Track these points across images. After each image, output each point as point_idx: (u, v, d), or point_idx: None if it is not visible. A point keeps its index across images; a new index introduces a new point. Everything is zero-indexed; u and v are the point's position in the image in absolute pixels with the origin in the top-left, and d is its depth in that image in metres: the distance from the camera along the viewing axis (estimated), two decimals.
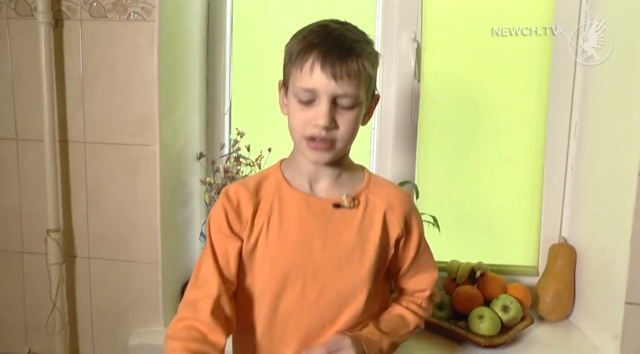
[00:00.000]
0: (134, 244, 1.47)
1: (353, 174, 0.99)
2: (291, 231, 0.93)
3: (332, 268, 0.93)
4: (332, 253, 0.92)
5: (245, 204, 0.94)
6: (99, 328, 1.54)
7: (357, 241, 0.93)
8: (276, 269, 0.93)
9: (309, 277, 0.92)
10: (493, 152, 1.64)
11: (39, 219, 1.47)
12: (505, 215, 1.66)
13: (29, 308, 1.56)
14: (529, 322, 1.43)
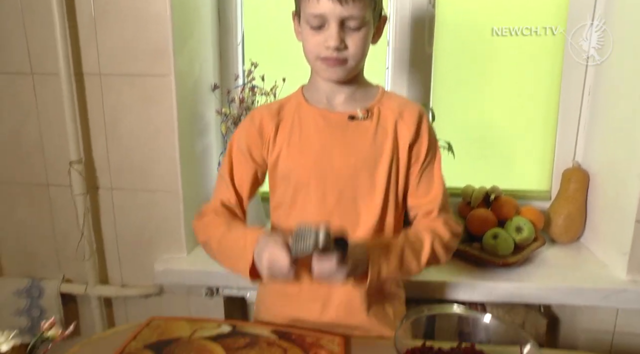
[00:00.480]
0: (154, 174, 1.50)
1: (367, 91, 1.05)
2: (311, 142, 1.00)
3: (349, 174, 0.99)
4: (348, 160, 0.99)
5: (267, 124, 1.03)
6: (125, 255, 1.61)
7: (371, 150, 0.99)
8: (300, 176, 1.00)
9: (329, 183, 0.99)
10: (508, 78, 1.62)
11: (60, 151, 1.51)
12: (519, 141, 1.67)
13: (59, 238, 1.62)
14: (541, 243, 1.47)
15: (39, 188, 1.59)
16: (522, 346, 0.85)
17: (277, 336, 0.97)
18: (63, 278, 1.66)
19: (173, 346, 0.94)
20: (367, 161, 0.99)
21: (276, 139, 1.02)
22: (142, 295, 1.60)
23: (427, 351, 0.87)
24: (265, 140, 1.03)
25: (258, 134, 1.03)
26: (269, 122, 1.03)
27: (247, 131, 1.04)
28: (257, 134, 1.03)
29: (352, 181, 0.99)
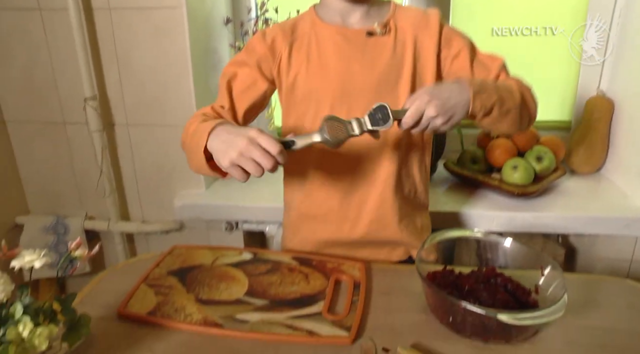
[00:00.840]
0: (169, 109, 1.49)
1: (381, 7, 1.01)
2: (330, 61, 0.97)
3: (372, 89, 0.97)
4: (370, 77, 0.97)
5: (280, 42, 0.99)
6: (144, 192, 1.63)
7: (392, 64, 0.97)
8: (322, 96, 0.98)
9: (353, 100, 0.97)
10: (533, 3, 1.55)
11: (74, 88, 1.50)
12: (542, 70, 1.61)
13: (79, 176, 1.64)
14: (562, 173, 1.45)
15: (56, 126, 1.59)
16: (543, 269, 0.85)
17: (297, 263, 0.98)
18: (86, 216, 1.69)
19: (196, 272, 0.96)
20: (389, 76, 0.97)
21: (291, 59, 0.99)
22: (162, 231, 1.63)
23: (449, 274, 0.88)
24: (277, 59, 0.99)
25: (270, 51, 0.99)
26: (282, 41, 0.99)
27: (258, 47, 0.99)
28: (268, 51, 0.98)
29: (375, 97, 0.96)
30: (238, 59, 1.01)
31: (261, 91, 1.01)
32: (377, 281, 0.94)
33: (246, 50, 1.01)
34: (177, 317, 0.83)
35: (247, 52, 1.00)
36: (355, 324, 0.80)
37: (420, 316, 0.84)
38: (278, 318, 0.82)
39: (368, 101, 0.94)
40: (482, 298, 0.80)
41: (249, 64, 0.99)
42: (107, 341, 0.79)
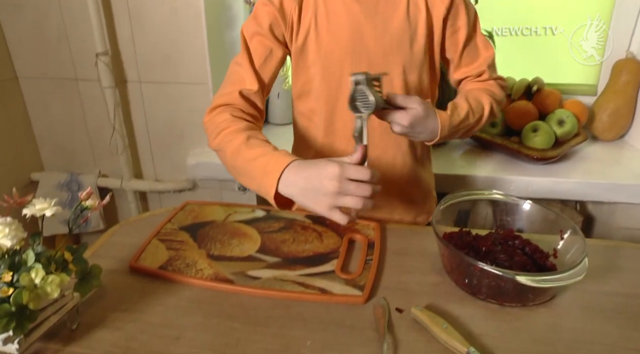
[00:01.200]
0: (182, 66, 1.46)
1: None
2: (340, 23, 0.92)
3: (384, 53, 0.93)
4: (383, 39, 0.92)
5: (288, 3, 0.93)
6: (157, 150, 1.62)
7: (405, 25, 0.93)
8: (332, 61, 0.94)
9: (364, 65, 0.93)
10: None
11: (86, 44, 1.47)
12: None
13: (92, 133, 1.63)
14: (583, 138, 1.41)
15: (69, 83, 1.57)
16: (563, 233, 0.83)
17: (311, 221, 0.97)
18: (99, 173, 1.69)
19: (207, 228, 0.95)
20: (403, 38, 0.93)
21: (301, 20, 0.93)
22: (175, 190, 1.63)
23: (465, 235, 0.86)
24: (288, 20, 0.93)
25: (279, 13, 0.93)
26: (290, 1, 0.93)
27: (266, 11, 0.93)
28: (278, 14, 0.93)
29: (387, 59, 0.93)
30: (250, 30, 0.95)
31: (279, 58, 0.96)
32: (391, 242, 0.92)
33: (254, 19, 0.94)
34: (188, 272, 0.82)
35: (255, 20, 0.94)
36: (369, 283, 0.79)
37: (435, 278, 0.82)
38: (290, 276, 0.81)
39: (379, 66, 0.93)
40: (499, 259, 0.78)
41: (260, 33, 0.94)
42: (118, 293, 0.79)
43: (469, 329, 0.71)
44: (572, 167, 1.37)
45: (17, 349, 0.62)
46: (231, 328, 0.71)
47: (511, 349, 0.67)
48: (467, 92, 0.99)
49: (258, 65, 0.95)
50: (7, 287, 0.61)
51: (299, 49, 0.95)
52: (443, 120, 0.89)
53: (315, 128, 1.02)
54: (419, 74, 0.96)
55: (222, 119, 0.90)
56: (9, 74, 1.58)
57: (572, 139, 1.39)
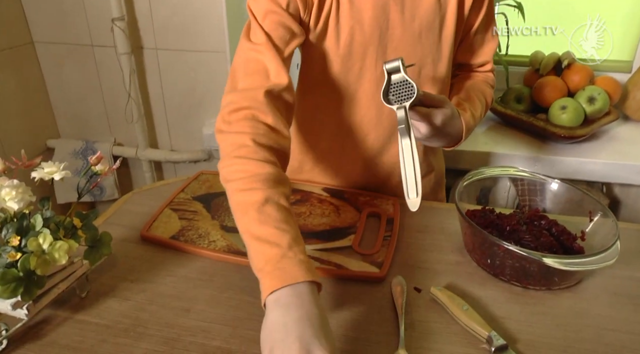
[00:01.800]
0: (200, 33, 1.43)
1: None
2: (364, 6, 0.81)
3: (412, 41, 0.84)
4: (411, 25, 0.82)
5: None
6: (173, 119, 1.59)
7: (436, 8, 0.83)
8: (353, 49, 0.83)
9: (389, 54, 0.84)
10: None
11: (102, 10, 1.44)
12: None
13: (108, 101, 1.61)
14: (614, 117, 1.35)
15: (85, 49, 1.55)
16: (592, 215, 0.79)
17: (329, 194, 0.94)
18: (115, 142, 1.67)
19: (222, 199, 0.93)
20: (433, 24, 0.83)
21: (321, 5, 0.80)
22: (190, 160, 1.61)
23: (489, 213, 0.82)
24: (310, 2, 0.79)
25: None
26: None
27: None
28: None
29: (415, 49, 0.84)
30: (262, 6, 0.77)
31: (298, 44, 0.81)
32: (411, 218, 0.89)
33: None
34: (201, 243, 0.80)
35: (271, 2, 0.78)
36: (387, 260, 0.76)
37: (456, 257, 0.79)
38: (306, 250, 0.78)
39: (406, 56, 0.82)
40: (524, 240, 0.74)
41: (276, 11, 0.77)
42: (128, 262, 0.78)
43: (491, 311, 0.68)
44: (601, 147, 1.31)
45: (25, 314, 0.61)
46: (243, 301, 0.69)
47: (535, 334, 0.64)
48: (473, 86, 0.93)
49: (283, 50, 0.77)
50: (15, 251, 0.59)
51: (318, 37, 0.82)
52: (467, 121, 0.83)
53: (320, 126, 0.94)
54: (446, 64, 0.88)
55: (239, 145, 0.69)
56: (25, 39, 1.56)
57: (603, 117, 1.32)
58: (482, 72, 0.97)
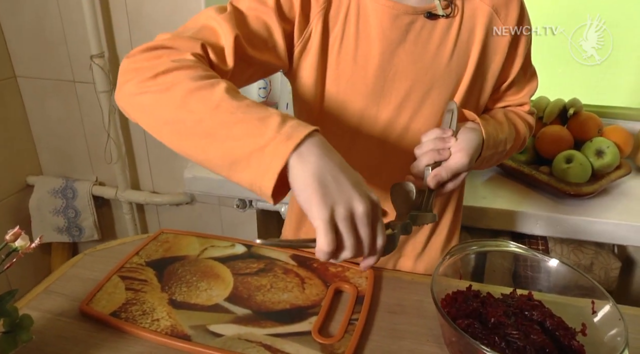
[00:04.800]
0: None
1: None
2: (371, 49, 0.71)
3: (421, 96, 0.74)
4: (423, 78, 0.73)
5: (313, 7, 0.70)
6: (155, 161, 1.52)
7: (453, 60, 0.73)
8: (350, 99, 0.74)
9: (392, 110, 0.74)
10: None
11: (83, 45, 1.38)
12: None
13: (89, 138, 1.55)
14: (626, 172, 1.23)
15: (67, 85, 1.49)
16: (595, 303, 0.67)
17: (296, 263, 0.84)
18: (96, 180, 1.60)
19: (177, 265, 0.83)
20: (448, 77, 0.73)
21: (324, 33, 0.71)
22: (172, 203, 1.52)
23: (472, 298, 0.71)
24: (301, 24, 0.70)
25: (299, 3, 0.69)
26: (315, 3, 0.70)
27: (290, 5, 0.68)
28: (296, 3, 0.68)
29: (423, 104, 0.74)
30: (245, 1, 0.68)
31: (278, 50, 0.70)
32: (385, 294, 0.78)
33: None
34: (143, 322, 0.70)
35: None
36: (348, 352, 0.65)
37: (431, 348, 0.68)
38: (258, 335, 0.68)
39: (412, 112, 0.75)
40: (510, 336, 0.63)
41: (260, 9, 0.67)
42: (59, 345, 0.68)
43: None
44: (611, 204, 1.20)
45: None
46: None
47: None
48: (502, 111, 0.83)
49: (246, 40, 0.65)
50: None
51: (310, 72, 0.73)
52: (487, 131, 0.72)
53: None
54: None
55: (173, 58, 0.58)
56: (8, 73, 1.51)
57: (613, 172, 1.21)
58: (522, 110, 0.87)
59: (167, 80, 0.56)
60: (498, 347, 0.62)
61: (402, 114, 0.75)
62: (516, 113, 0.86)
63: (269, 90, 1.55)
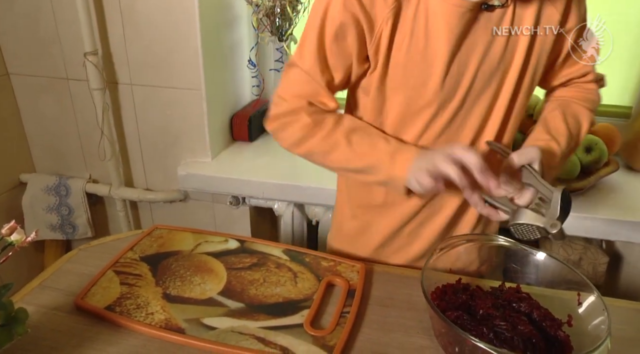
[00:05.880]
0: (176, 70, 1.36)
1: None
2: (440, 47, 0.71)
3: (481, 87, 0.75)
4: (484, 69, 0.73)
5: (381, 8, 0.70)
6: (149, 158, 1.52)
7: (505, 49, 0.73)
8: (418, 95, 0.75)
9: (455, 100, 0.75)
10: None
11: (76, 42, 1.38)
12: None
13: (83, 135, 1.54)
14: (614, 168, 1.25)
15: (60, 82, 1.48)
16: (581, 295, 0.69)
17: (288, 258, 0.85)
18: (90, 178, 1.60)
19: (171, 260, 0.84)
20: (500, 66, 0.74)
21: (395, 35, 0.71)
22: (165, 200, 1.53)
23: (462, 290, 0.73)
24: (377, 34, 0.71)
25: (367, 20, 0.70)
26: (384, 6, 0.69)
27: (353, 11, 0.69)
28: (365, 20, 0.70)
29: (482, 93, 0.75)
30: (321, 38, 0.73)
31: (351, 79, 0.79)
32: (376, 288, 0.80)
33: (330, 19, 0.72)
34: (138, 315, 0.71)
35: (331, 23, 0.72)
36: (340, 344, 0.66)
37: (422, 340, 0.69)
38: (251, 327, 0.69)
39: (472, 102, 0.76)
40: (498, 327, 0.65)
41: (342, 39, 0.72)
42: (54, 338, 0.69)
43: None
44: (600, 201, 1.21)
45: None
46: None
47: None
48: (563, 106, 0.83)
49: (335, 79, 0.76)
50: None
51: (380, 76, 0.75)
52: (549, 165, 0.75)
53: None
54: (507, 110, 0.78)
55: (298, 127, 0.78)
56: (1, 71, 1.50)
57: (601, 168, 1.23)
58: (585, 82, 0.85)
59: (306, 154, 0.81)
60: (486, 338, 0.63)
61: (466, 104, 0.76)
62: (578, 102, 0.84)
63: (262, 88, 1.56)
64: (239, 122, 1.49)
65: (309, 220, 1.44)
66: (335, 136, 0.76)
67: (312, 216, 1.41)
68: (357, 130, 0.77)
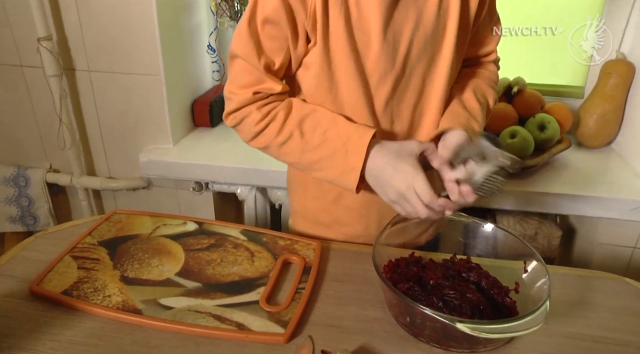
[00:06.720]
0: (134, 55, 1.34)
1: None
2: (374, 21, 0.72)
3: (418, 54, 0.76)
4: (419, 37, 0.74)
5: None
6: (110, 145, 1.50)
7: (439, 13, 0.74)
8: (364, 68, 0.75)
9: (396, 67, 0.75)
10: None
11: (29, 27, 1.34)
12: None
13: (41, 124, 1.51)
14: (566, 145, 1.29)
15: (14, 69, 1.44)
16: (527, 263, 0.72)
17: (246, 238, 0.86)
18: (50, 167, 1.57)
19: (129, 243, 0.84)
20: (436, 31, 0.75)
21: (328, 7, 0.71)
22: (128, 188, 1.51)
23: (414, 263, 0.75)
24: (310, 9, 0.71)
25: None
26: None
27: None
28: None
29: (420, 61, 0.76)
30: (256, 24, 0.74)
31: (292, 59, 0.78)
32: (332, 265, 0.82)
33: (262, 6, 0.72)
34: (95, 298, 0.72)
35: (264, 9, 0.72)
36: (295, 318, 0.68)
37: (376, 312, 0.71)
38: (207, 306, 0.70)
39: (412, 69, 0.76)
40: (448, 296, 0.67)
41: (277, 22, 0.72)
42: (8, 324, 0.68)
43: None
44: (553, 177, 1.26)
45: None
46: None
47: None
48: (473, 86, 0.86)
49: (277, 67, 0.77)
50: None
51: (321, 51, 0.74)
52: None
53: None
54: (449, 75, 0.79)
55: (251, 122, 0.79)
56: None
57: (554, 146, 1.27)
58: (487, 62, 0.90)
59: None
60: (435, 306, 0.66)
61: (407, 70, 0.77)
62: (484, 81, 0.88)
63: (222, 73, 1.55)
64: (200, 108, 1.48)
65: (272, 204, 1.45)
66: (287, 128, 0.77)
67: (275, 200, 1.42)
68: (307, 118, 0.78)
